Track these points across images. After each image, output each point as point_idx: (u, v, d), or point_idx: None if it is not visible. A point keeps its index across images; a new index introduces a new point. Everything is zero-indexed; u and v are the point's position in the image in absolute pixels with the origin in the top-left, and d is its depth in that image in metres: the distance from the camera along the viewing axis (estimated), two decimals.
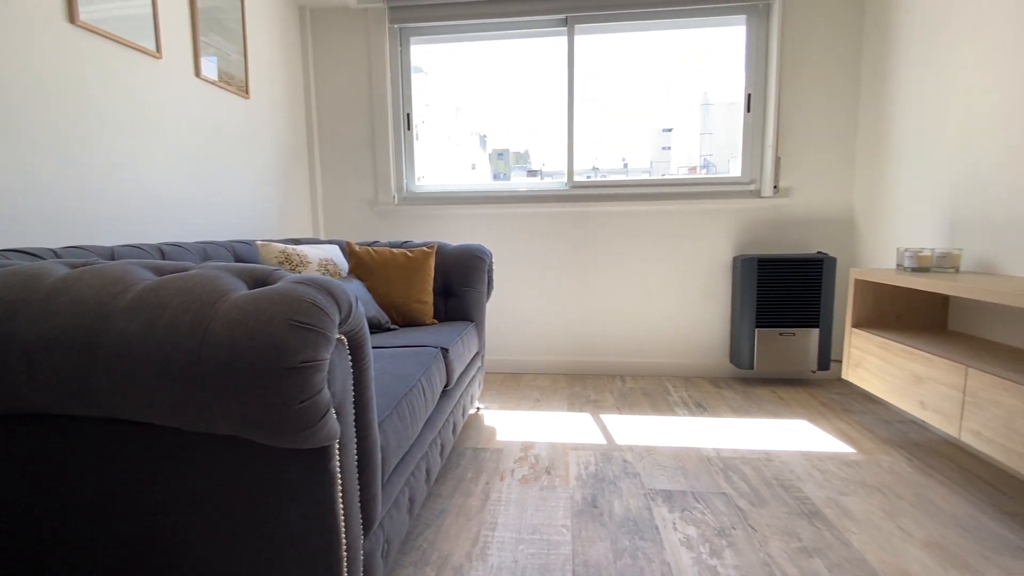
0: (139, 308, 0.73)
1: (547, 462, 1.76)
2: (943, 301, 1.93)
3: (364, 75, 2.81)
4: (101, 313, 0.73)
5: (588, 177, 2.85)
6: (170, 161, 1.83)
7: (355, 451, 0.89)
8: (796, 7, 2.52)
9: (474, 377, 2.03)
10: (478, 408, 2.29)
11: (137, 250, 1.38)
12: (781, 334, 2.47)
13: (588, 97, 2.87)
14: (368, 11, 2.75)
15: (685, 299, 2.74)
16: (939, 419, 1.51)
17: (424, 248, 2.04)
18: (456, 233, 2.85)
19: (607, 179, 2.78)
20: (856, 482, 1.60)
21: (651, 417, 2.17)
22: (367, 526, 0.93)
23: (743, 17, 2.60)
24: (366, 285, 1.91)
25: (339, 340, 0.83)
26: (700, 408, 2.27)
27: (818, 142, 2.57)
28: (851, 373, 1.97)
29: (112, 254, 1.31)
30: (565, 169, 2.77)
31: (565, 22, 2.70)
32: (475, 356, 2.04)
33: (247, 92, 2.30)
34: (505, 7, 2.66)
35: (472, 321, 2.07)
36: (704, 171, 2.79)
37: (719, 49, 2.56)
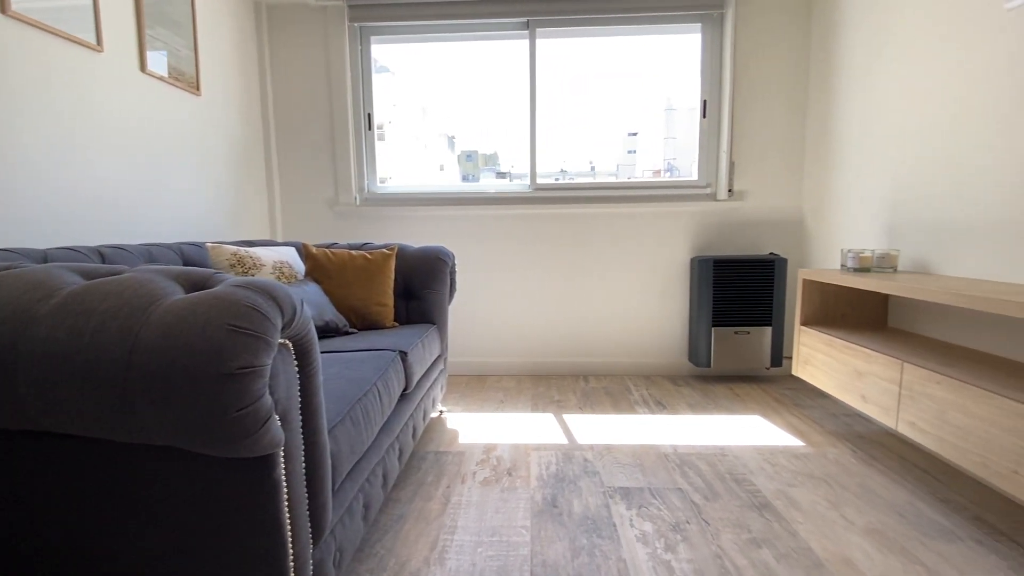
0: (63, 314, 0.69)
1: (509, 463, 1.77)
2: (883, 299, 2.04)
3: (323, 74, 2.75)
4: (21, 320, 0.69)
5: (556, 179, 2.88)
6: (114, 159, 1.75)
7: (302, 458, 0.87)
8: (748, 18, 2.61)
9: (436, 380, 2.01)
10: (441, 411, 2.27)
11: (73, 253, 1.31)
12: (736, 333, 2.55)
13: (556, 100, 2.91)
14: (327, 9, 2.70)
15: (646, 299, 2.79)
16: (879, 412, 1.59)
17: (384, 250, 2.02)
18: (419, 235, 2.82)
19: (569, 182, 2.81)
20: (804, 474, 1.66)
21: (612, 416, 2.20)
22: (317, 534, 0.91)
23: (698, 26, 2.68)
24: (323, 288, 1.87)
25: (283, 345, 0.81)
26: (660, 406, 2.32)
27: (769, 147, 2.67)
28: (800, 369, 2.06)
29: (45, 257, 1.24)
30: (530, 171, 2.79)
31: (527, 25, 2.72)
32: (437, 359, 2.03)
33: (198, 89, 2.22)
34: (466, 9, 2.65)
35: (434, 324, 2.06)
36: (668, 174, 2.86)
37: (681, 56, 2.65)
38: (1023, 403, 1.13)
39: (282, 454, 0.80)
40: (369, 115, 2.84)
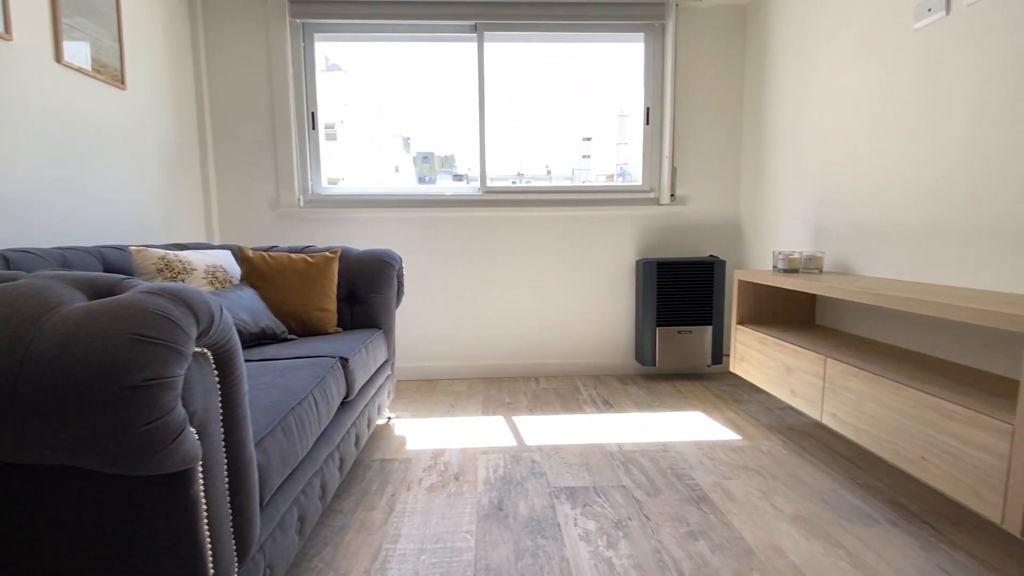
0: None
1: (456, 468, 1.75)
2: (811, 299, 2.16)
3: (264, 70, 2.65)
4: None
5: (513, 182, 2.89)
6: (25, 155, 1.61)
7: (225, 473, 0.83)
8: (688, 30, 2.71)
9: (382, 386, 1.97)
10: (389, 418, 2.22)
11: None
12: (679, 332, 2.64)
13: (513, 104, 2.93)
14: (267, 2, 2.60)
15: (594, 301, 2.84)
16: (805, 404, 1.68)
17: (327, 253, 1.96)
18: (366, 238, 2.76)
19: (518, 185, 2.83)
20: (740, 466, 1.73)
21: (561, 416, 2.23)
22: (242, 552, 0.87)
23: (641, 35, 2.76)
24: (260, 293, 1.80)
25: (200, 354, 0.77)
26: (607, 405, 2.37)
27: (709, 154, 2.78)
28: (737, 366, 2.15)
29: None
30: (493, 174, 2.79)
31: (475, 28, 2.71)
32: (383, 364, 1.99)
33: (123, 82, 2.09)
34: (413, 9, 2.62)
35: (380, 328, 2.02)
36: (621, 179, 2.93)
37: (632, 64, 2.74)
38: (928, 394, 1.23)
39: (200, 469, 0.76)
40: (313, 114, 2.76)
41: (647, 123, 2.80)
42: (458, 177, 3.03)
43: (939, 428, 1.19)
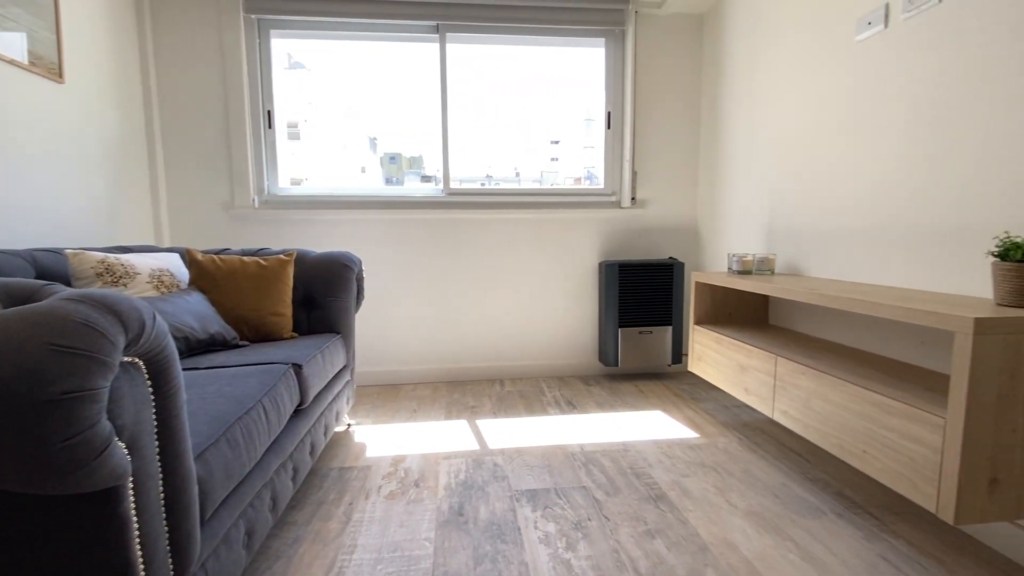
0: None
1: (417, 474, 1.73)
2: (764, 299, 2.24)
3: (217, 66, 2.56)
4: None
5: (483, 184, 2.88)
6: None
7: (160, 488, 0.79)
8: (647, 36, 2.77)
9: (341, 392, 1.92)
10: (349, 424, 2.17)
11: None
12: (641, 332, 2.68)
13: (483, 106, 2.93)
14: None
15: (559, 303, 2.86)
16: (758, 402, 1.73)
17: (281, 256, 1.90)
18: (326, 240, 2.70)
19: (482, 187, 2.82)
20: (697, 464, 1.77)
21: (525, 419, 2.23)
22: (181, 571, 0.83)
23: (602, 40, 2.80)
24: (210, 298, 1.73)
25: (131, 364, 0.73)
26: (571, 406, 2.38)
27: (668, 159, 2.84)
28: (694, 365, 2.20)
29: None
30: (462, 175, 2.77)
31: (437, 29, 2.69)
32: (342, 370, 1.94)
33: (61, 75, 1.98)
34: (373, 8, 2.58)
35: (339, 333, 1.97)
36: (588, 182, 2.96)
37: (597, 68, 2.77)
38: (869, 390, 1.29)
39: (131, 486, 0.72)
40: (269, 112, 2.67)
41: (608, 127, 2.84)
42: (426, 178, 3.00)
43: (879, 423, 1.25)
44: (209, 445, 0.95)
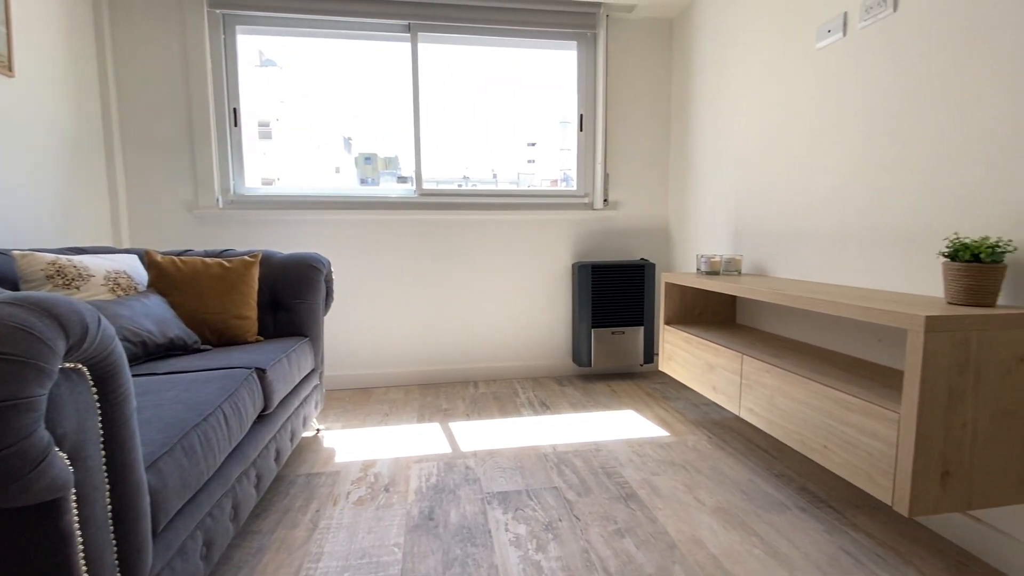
0: None
1: (387, 479, 1.70)
2: (732, 299, 2.28)
3: (179, 62, 2.48)
4: None
5: (460, 186, 2.86)
6: None
7: (107, 500, 0.75)
8: (618, 39, 2.80)
9: (309, 396, 1.88)
10: (318, 430, 2.13)
11: None
12: (613, 333, 2.71)
13: (458, 108, 2.91)
14: None
15: (532, 304, 2.86)
16: (725, 400, 1.77)
17: (246, 257, 1.85)
18: (296, 241, 2.64)
19: (454, 188, 2.80)
20: (667, 462, 1.79)
21: (498, 420, 2.22)
22: None
23: (574, 43, 2.82)
24: (170, 301, 1.67)
25: (73, 370, 0.69)
26: (544, 407, 2.38)
27: (639, 161, 2.88)
28: (665, 365, 2.23)
29: None
30: (439, 177, 2.75)
31: (408, 28, 2.67)
32: (310, 374, 1.90)
33: (10, 69, 1.88)
34: (342, 5, 2.54)
35: (306, 336, 1.93)
36: (564, 184, 2.97)
37: (571, 71, 2.80)
38: (829, 387, 1.32)
39: (73, 497, 0.68)
40: (235, 110, 2.61)
41: (581, 130, 2.86)
42: (402, 179, 2.97)
43: (839, 419, 1.28)
44: (163, 453, 0.92)
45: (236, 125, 2.61)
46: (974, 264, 1.15)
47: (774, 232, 2.01)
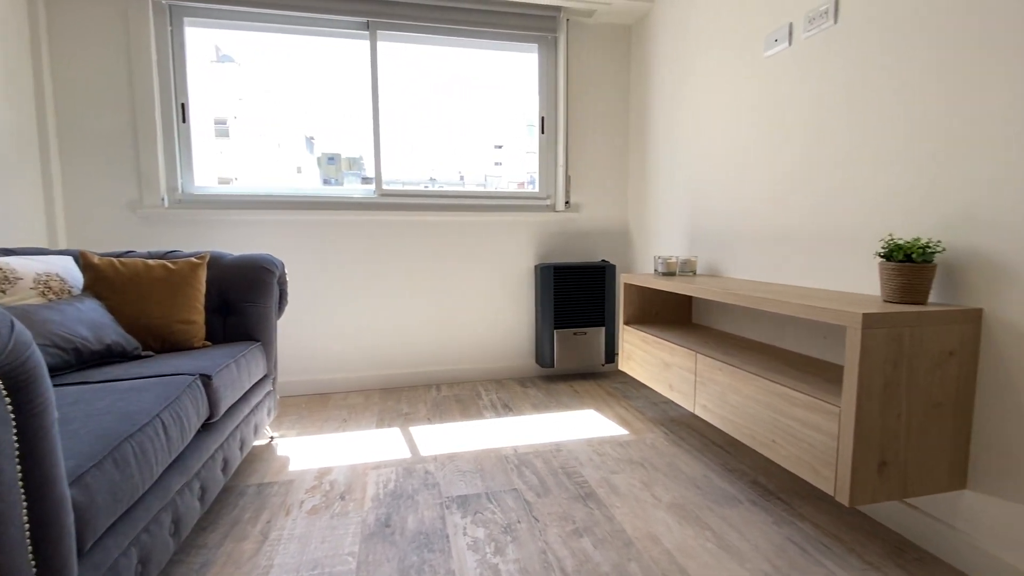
0: None
1: (343, 487, 1.65)
2: (688, 299, 2.34)
3: (122, 54, 2.36)
4: None
5: (426, 187, 2.83)
6: None
7: (23, 518, 0.70)
8: (578, 43, 2.83)
9: (261, 403, 1.82)
10: (271, 437, 2.06)
11: None
12: (575, 334, 2.73)
13: (425, 109, 2.88)
14: None
15: (495, 306, 2.86)
16: (681, 397, 1.80)
17: (192, 259, 1.77)
18: (249, 242, 2.54)
19: (415, 189, 2.77)
20: (625, 460, 1.82)
21: (460, 423, 2.20)
22: None
23: (535, 46, 2.83)
24: (108, 305, 1.58)
25: None
26: (506, 409, 2.38)
27: (599, 164, 2.92)
28: (624, 364, 2.26)
29: None
30: (405, 178, 2.71)
31: (367, 26, 2.62)
32: (262, 380, 1.83)
33: None
34: (298, 0, 2.48)
35: (258, 341, 1.86)
36: (531, 186, 2.97)
37: (535, 74, 2.83)
38: (775, 383, 1.37)
39: None
40: (183, 105, 2.50)
41: (542, 132, 2.87)
42: (367, 180, 2.92)
43: (785, 413, 1.33)
44: (91, 467, 0.86)
45: (184, 121, 2.50)
46: (907, 264, 1.22)
47: (727, 234, 2.07)
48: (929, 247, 1.20)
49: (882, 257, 1.27)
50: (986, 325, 1.17)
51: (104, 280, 1.61)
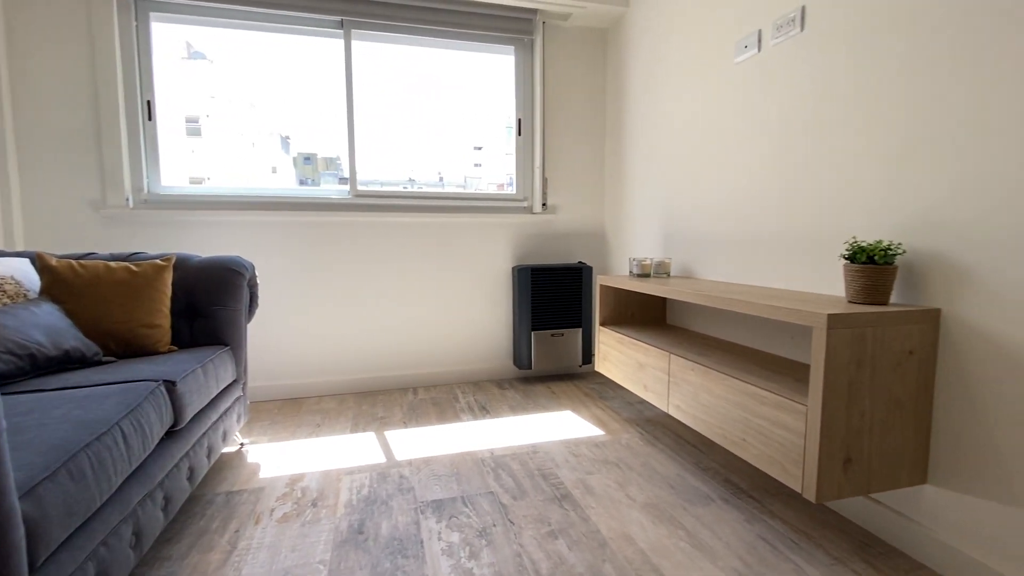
0: None
1: (315, 493, 1.62)
2: (662, 300, 2.37)
3: (84, 49, 2.27)
4: None
5: (404, 188, 2.80)
6: None
7: None
8: (554, 46, 2.85)
9: (230, 409, 1.77)
10: (242, 444, 2.01)
11: None
12: (553, 335, 2.74)
13: (403, 109, 2.85)
14: None
15: (473, 307, 2.84)
16: (655, 398, 1.82)
17: (157, 261, 1.71)
18: (219, 244, 2.48)
19: (390, 190, 2.74)
20: (601, 460, 1.83)
21: (436, 427, 2.18)
22: None
23: (512, 48, 2.83)
24: (66, 308, 1.52)
25: None
26: (484, 411, 2.37)
27: (577, 165, 2.93)
28: (600, 365, 2.27)
29: None
30: (383, 178, 2.68)
31: (341, 25, 2.59)
32: (231, 385, 1.79)
33: None
34: None
35: (227, 345, 1.81)
36: (510, 188, 2.97)
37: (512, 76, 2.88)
38: (745, 382, 1.39)
39: None
40: (149, 102, 2.42)
41: (519, 134, 2.88)
42: (344, 180, 2.88)
43: (755, 412, 1.35)
44: (44, 479, 0.82)
45: (151, 119, 2.43)
46: (870, 265, 1.25)
47: (700, 236, 2.11)
48: (891, 249, 1.24)
49: (846, 259, 1.31)
50: (944, 325, 1.21)
51: (62, 283, 1.55)
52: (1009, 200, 1.08)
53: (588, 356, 2.81)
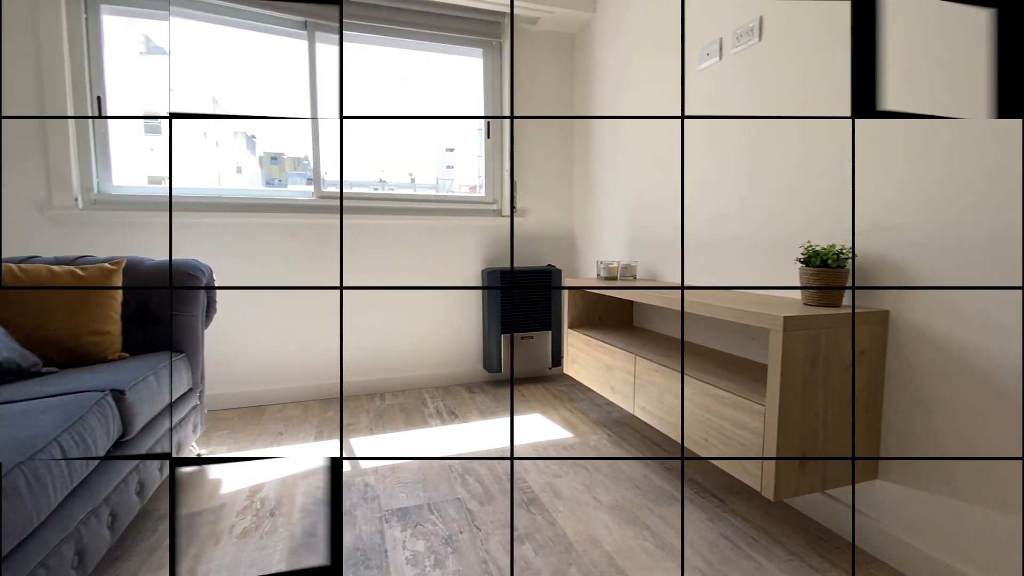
0: None
1: (274, 503, 1.57)
2: (630, 303, 2.40)
3: (28, 43, 2.16)
4: None
5: (375, 189, 2.75)
6: None
7: None
8: (522, 50, 2.85)
9: (186, 419, 1.70)
10: (198, 455, 1.93)
11: None
12: (523, 338, 2.74)
13: (372, 110, 2.80)
14: None
15: (442, 311, 2.82)
16: (622, 399, 1.84)
17: (106, 265, 1.64)
18: (176, 247, 2.38)
19: (357, 192, 2.70)
20: (569, 463, 1.83)
21: (403, 433, 2.15)
22: None
23: (480, 50, 2.83)
24: (1, 316, 1.43)
25: None
26: (452, 416, 2.35)
27: (545, 169, 2.95)
28: (569, 367, 2.29)
29: None
30: (352, 179, 2.60)
31: (304, 26, 2.53)
32: (187, 393, 1.72)
33: None
34: None
35: (182, 352, 1.74)
36: (482, 190, 2.95)
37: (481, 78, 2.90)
38: (707, 383, 1.42)
39: None
40: (100, 99, 2.31)
41: (488, 136, 2.87)
42: (311, 181, 2.82)
43: (716, 413, 1.38)
44: None
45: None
46: (823, 268, 1.29)
47: (665, 240, 2.14)
48: (843, 253, 1.29)
49: (801, 263, 1.35)
50: (892, 326, 1.26)
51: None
52: (945, 206, 1.13)
53: (558, 358, 2.83)
